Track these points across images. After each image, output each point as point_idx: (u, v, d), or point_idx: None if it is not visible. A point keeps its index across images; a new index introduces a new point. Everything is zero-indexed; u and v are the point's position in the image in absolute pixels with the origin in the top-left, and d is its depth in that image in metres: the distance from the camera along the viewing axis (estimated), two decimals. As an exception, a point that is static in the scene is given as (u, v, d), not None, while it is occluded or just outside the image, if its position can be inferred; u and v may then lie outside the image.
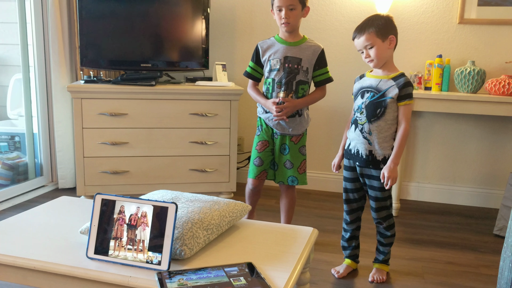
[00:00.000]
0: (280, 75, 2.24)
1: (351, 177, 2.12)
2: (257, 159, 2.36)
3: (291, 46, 2.25)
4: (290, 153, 2.31)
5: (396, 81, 1.94)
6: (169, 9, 3.11)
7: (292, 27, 2.22)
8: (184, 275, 1.20)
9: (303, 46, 2.26)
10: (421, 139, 3.31)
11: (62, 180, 3.29)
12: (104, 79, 3.10)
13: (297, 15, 2.20)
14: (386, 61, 1.97)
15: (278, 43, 2.28)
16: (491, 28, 3.07)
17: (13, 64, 3.51)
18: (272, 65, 2.26)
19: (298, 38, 2.28)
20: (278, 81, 2.25)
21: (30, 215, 1.65)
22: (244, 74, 2.41)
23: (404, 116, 1.95)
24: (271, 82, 2.27)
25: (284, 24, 2.20)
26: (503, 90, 2.80)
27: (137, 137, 2.97)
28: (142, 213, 1.29)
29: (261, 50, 2.31)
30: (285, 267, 1.31)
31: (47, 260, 1.29)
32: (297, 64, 2.23)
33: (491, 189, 3.25)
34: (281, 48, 2.25)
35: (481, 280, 2.20)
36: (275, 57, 2.26)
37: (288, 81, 2.23)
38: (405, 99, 1.93)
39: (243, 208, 1.61)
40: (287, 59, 2.23)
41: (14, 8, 3.17)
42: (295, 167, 2.32)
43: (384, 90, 1.95)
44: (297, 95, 2.25)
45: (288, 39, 2.26)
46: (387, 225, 2.11)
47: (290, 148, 2.31)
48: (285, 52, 2.24)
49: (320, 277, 2.17)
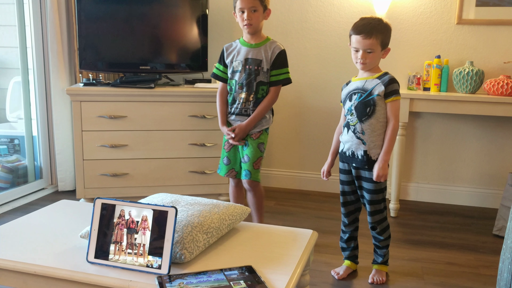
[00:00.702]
0: (241, 76, 2.32)
1: (347, 179, 2.13)
2: (225, 158, 2.46)
3: (252, 48, 2.33)
4: (249, 148, 2.38)
5: (381, 79, 1.98)
6: (168, 11, 3.11)
7: (254, 28, 2.28)
8: (184, 279, 1.21)
9: (264, 47, 2.32)
10: (420, 140, 3.32)
11: (62, 183, 3.29)
12: (103, 82, 3.11)
13: (258, 17, 2.27)
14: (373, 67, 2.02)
15: (241, 45, 2.36)
16: (489, 29, 3.07)
17: (12, 67, 3.51)
18: (234, 66, 2.36)
19: (260, 39, 2.34)
20: (240, 82, 2.34)
21: (30, 219, 1.65)
22: (211, 75, 2.50)
23: (392, 113, 1.97)
24: (234, 83, 2.36)
25: (246, 25, 2.27)
26: (501, 91, 2.80)
27: (136, 140, 2.97)
28: (142, 217, 1.29)
29: (226, 52, 2.40)
30: (285, 270, 1.31)
31: (47, 265, 1.29)
32: (257, 66, 2.31)
33: (490, 189, 3.25)
34: (242, 50, 2.34)
35: (481, 281, 2.20)
36: (237, 59, 2.34)
37: (249, 82, 2.32)
38: (391, 96, 1.96)
39: (242, 211, 1.61)
40: (248, 61, 2.32)
41: (13, 10, 3.17)
42: (251, 161, 2.37)
43: (370, 88, 1.98)
44: (256, 95, 2.33)
45: (250, 41, 2.34)
46: (381, 229, 2.12)
47: (250, 144, 2.37)
48: (246, 54, 2.32)
49: (320, 279, 2.17)
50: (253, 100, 2.33)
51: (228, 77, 2.41)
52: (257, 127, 2.37)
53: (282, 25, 3.38)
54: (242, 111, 2.36)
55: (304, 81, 3.40)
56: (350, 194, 2.15)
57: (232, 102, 2.39)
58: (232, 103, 2.39)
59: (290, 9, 3.36)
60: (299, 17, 3.35)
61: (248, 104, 2.34)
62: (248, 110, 2.35)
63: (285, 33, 3.37)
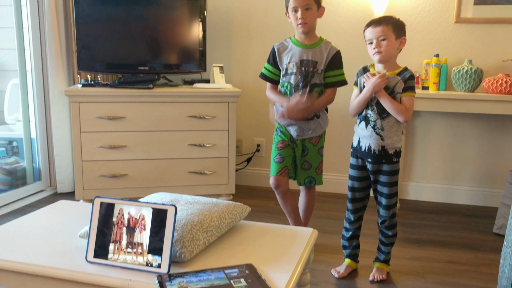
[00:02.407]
0: (297, 79, 2.22)
1: (359, 175, 2.13)
2: (277, 156, 2.32)
3: (307, 48, 2.22)
4: (309, 155, 2.31)
5: (401, 75, 1.98)
6: (166, 12, 3.11)
7: (308, 27, 2.18)
8: (184, 277, 1.20)
9: (318, 48, 2.22)
10: (419, 139, 3.31)
11: (61, 185, 3.28)
12: (101, 83, 3.10)
13: (313, 15, 2.17)
14: (391, 60, 2.00)
15: (294, 45, 2.25)
16: (487, 27, 3.07)
17: (10, 69, 3.50)
18: (289, 68, 2.24)
19: (315, 39, 2.25)
20: (295, 85, 2.23)
21: (29, 220, 1.64)
22: (260, 76, 2.37)
23: (404, 105, 1.97)
24: (288, 86, 2.25)
25: (300, 24, 2.16)
26: (500, 89, 2.80)
27: (135, 140, 2.96)
28: (141, 216, 1.29)
29: (277, 52, 2.28)
30: (285, 268, 1.30)
31: (46, 265, 1.28)
32: (313, 67, 2.21)
33: (490, 187, 3.25)
34: (297, 51, 2.23)
35: (482, 279, 2.20)
36: (291, 61, 2.23)
37: (305, 85, 2.22)
38: (407, 91, 1.97)
39: (242, 209, 1.60)
40: (303, 62, 2.21)
41: (10, 12, 3.17)
42: (314, 167, 2.33)
43: (392, 86, 1.98)
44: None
45: (304, 41, 2.24)
46: (390, 224, 2.12)
47: (309, 150, 2.31)
48: (301, 55, 2.21)
49: (320, 277, 2.16)
50: None
51: (278, 79, 2.30)
52: (317, 131, 2.29)
53: (281, 24, 3.38)
54: None
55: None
56: (359, 191, 2.15)
57: None
58: None
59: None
60: (298, 17, 3.34)
61: None
62: None
63: (284, 33, 3.36)
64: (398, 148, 2.06)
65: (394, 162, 2.05)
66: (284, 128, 2.32)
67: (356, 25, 3.25)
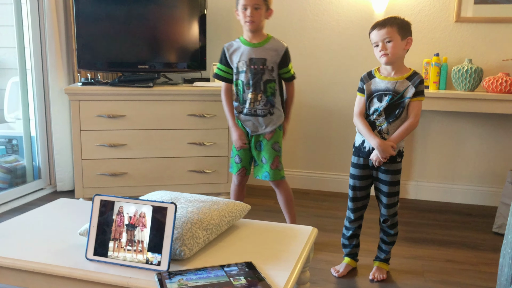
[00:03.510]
0: (247, 76, 2.31)
1: (361, 174, 2.12)
2: (236, 157, 2.46)
3: (255, 47, 2.31)
4: (264, 150, 2.38)
5: (412, 80, 1.97)
6: (166, 10, 3.10)
7: (255, 26, 2.27)
8: (184, 275, 1.20)
9: (267, 46, 2.32)
10: (419, 138, 3.31)
11: (61, 183, 3.28)
12: (101, 81, 3.10)
13: (261, 14, 2.27)
14: (398, 61, 1.98)
15: (243, 45, 2.34)
16: (487, 26, 3.07)
17: (10, 67, 3.50)
18: (239, 67, 2.34)
19: (262, 38, 2.33)
20: (246, 82, 2.32)
21: (29, 217, 1.64)
22: (213, 76, 2.49)
23: (413, 111, 1.98)
24: (240, 83, 2.35)
25: (248, 22, 2.25)
26: (500, 88, 2.80)
27: (135, 139, 2.96)
28: (141, 213, 1.29)
29: (228, 52, 2.37)
30: (285, 266, 1.31)
31: (46, 262, 1.29)
32: (262, 65, 2.30)
33: (490, 187, 3.25)
34: (245, 50, 2.32)
35: (481, 278, 2.20)
36: (241, 59, 2.32)
37: (256, 82, 2.31)
38: (417, 96, 1.97)
39: (242, 208, 1.60)
40: (252, 60, 2.30)
41: (10, 11, 3.16)
42: (268, 162, 2.38)
43: (402, 91, 1.97)
44: (266, 94, 2.32)
45: (252, 40, 2.32)
46: (392, 223, 2.12)
47: (264, 145, 2.38)
48: (250, 54, 2.31)
49: (320, 276, 2.16)
50: (263, 99, 2.32)
51: (231, 77, 2.39)
52: (268, 127, 2.36)
53: (281, 23, 3.37)
54: (251, 111, 2.34)
55: (303, 80, 3.39)
56: (360, 190, 2.15)
57: (242, 102, 2.37)
58: (243, 103, 2.36)
59: (289, 8, 3.36)
60: (298, 16, 3.34)
61: (257, 104, 2.32)
62: (257, 110, 2.33)
63: (284, 32, 3.37)
64: (402, 148, 2.07)
65: (397, 162, 2.06)
66: (241, 124, 2.41)
67: (356, 24, 3.25)
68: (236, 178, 2.50)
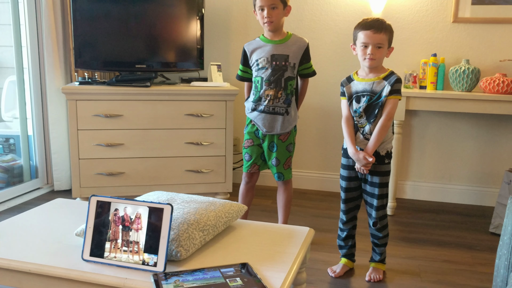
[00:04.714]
0: (267, 73, 2.28)
1: (350, 175, 2.13)
2: (246, 154, 2.45)
3: (277, 44, 2.30)
4: (278, 151, 2.36)
5: (388, 80, 1.99)
6: (164, 9, 3.10)
7: (275, 25, 2.26)
8: (180, 276, 1.20)
9: (288, 42, 2.30)
10: (416, 138, 3.32)
11: (58, 182, 3.28)
12: (98, 81, 3.09)
13: (279, 13, 2.24)
14: (378, 65, 2.03)
15: (264, 43, 2.32)
16: (485, 27, 3.07)
17: (7, 66, 3.49)
18: (260, 63, 2.31)
19: (283, 35, 2.32)
20: (266, 79, 2.29)
21: (25, 218, 1.64)
22: (236, 78, 2.47)
23: (386, 109, 1.98)
24: (259, 80, 2.31)
25: (267, 23, 2.24)
26: (497, 89, 2.81)
27: (132, 138, 2.96)
28: (138, 214, 1.29)
29: (248, 52, 2.35)
30: (281, 267, 1.31)
31: (42, 263, 1.28)
32: (284, 61, 2.28)
33: (487, 187, 3.26)
34: (267, 47, 2.30)
35: (477, 278, 2.21)
36: (262, 56, 2.30)
37: (277, 79, 2.28)
38: (392, 94, 1.98)
39: (239, 208, 1.60)
40: (274, 57, 2.28)
41: (7, 9, 3.16)
42: (281, 163, 2.37)
43: (379, 91, 1.99)
44: (286, 91, 2.30)
45: (273, 38, 2.31)
46: (381, 226, 2.12)
47: (278, 146, 2.36)
48: (272, 51, 2.29)
49: (316, 276, 2.17)
50: (283, 97, 2.30)
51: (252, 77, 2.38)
52: (284, 128, 2.33)
53: (279, 23, 3.37)
54: (270, 109, 2.31)
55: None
56: (351, 191, 2.15)
57: (257, 99, 2.33)
58: (258, 100, 2.32)
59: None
60: (295, 15, 3.34)
61: (276, 101, 2.29)
62: (276, 108, 2.30)
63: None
64: (389, 149, 2.07)
65: (386, 163, 2.06)
66: (251, 124, 2.39)
67: (354, 24, 3.23)
68: (246, 176, 2.48)
